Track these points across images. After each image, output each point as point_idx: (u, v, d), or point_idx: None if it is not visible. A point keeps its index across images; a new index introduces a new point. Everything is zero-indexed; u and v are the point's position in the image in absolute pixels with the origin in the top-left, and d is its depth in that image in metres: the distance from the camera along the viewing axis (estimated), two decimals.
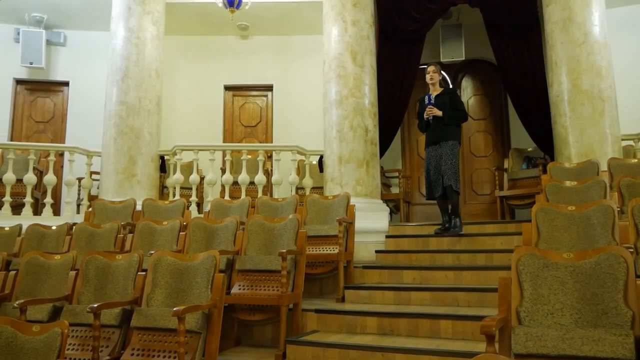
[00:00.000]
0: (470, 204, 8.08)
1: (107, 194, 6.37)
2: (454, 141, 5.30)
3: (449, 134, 5.31)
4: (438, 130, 5.34)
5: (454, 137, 5.32)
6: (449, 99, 5.40)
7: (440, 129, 5.32)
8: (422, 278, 4.60)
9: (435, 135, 5.35)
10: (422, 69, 7.94)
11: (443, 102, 5.34)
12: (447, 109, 5.31)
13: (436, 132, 5.36)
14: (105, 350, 3.20)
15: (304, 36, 8.54)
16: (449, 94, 5.48)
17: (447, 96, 5.42)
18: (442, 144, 5.29)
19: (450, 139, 5.29)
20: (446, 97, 5.41)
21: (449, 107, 5.33)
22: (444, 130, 5.31)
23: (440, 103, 5.33)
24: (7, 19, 8.17)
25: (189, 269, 3.37)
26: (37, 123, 8.61)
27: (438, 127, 5.34)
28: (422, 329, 3.64)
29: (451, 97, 5.43)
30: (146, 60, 6.75)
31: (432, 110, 5.31)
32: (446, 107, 5.32)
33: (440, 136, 5.32)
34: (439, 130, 5.33)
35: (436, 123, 5.33)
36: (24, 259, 3.94)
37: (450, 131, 5.33)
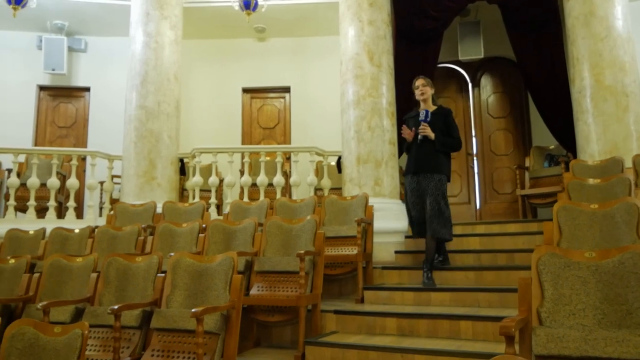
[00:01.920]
0: (491, 204, 7.98)
1: (128, 197, 6.46)
2: (441, 175, 4.38)
3: (436, 165, 4.38)
4: (423, 157, 4.41)
5: (441, 170, 4.39)
6: (443, 120, 4.51)
7: (427, 156, 4.39)
8: (442, 278, 4.55)
9: (420, 163, 4.42)
10: (440, 67, 7.91)
11: (435, 123, 4.45)
12: (438, 131, 4.43)
13: (421, 158, 4.41)
14: (126, 351, 3.23)
15: (321, 37, 8.55)
16: (444, 114, 4.55)
17: (441, 117, 4.53)
18: (427, 176, 4.37)
19: (437, 171, 4.37)
20: (439, 117, 4.51)
21: (440, 129, 4.46)
22: (431, 159, 4.38)
23: (432, 124, 4.43)
24: (30, 27, 8.34)
25: (208, 271, 3.38)
26: (60, 128, 8.77)
27: (424, 152, 4.41)
28: (442, 329, 3.60)
29: (446, 119, 4.53)
30: (165, 65, 6.82)
31: (426, 130, 4.37)
32: (438, 128, 4.45)
33: (425, 165, 4.39)
34: (425, 157, 4.40)
35: (423, 147, 4.42)
36: (47, 262, 4.01)
37: (439, 161, 4.40)
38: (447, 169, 4.48)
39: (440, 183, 4.37)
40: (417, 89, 4.65)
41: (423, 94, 4.62)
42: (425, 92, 4.61)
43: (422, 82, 4.64)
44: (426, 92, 4.61)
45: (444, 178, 4.42)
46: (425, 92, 4.62)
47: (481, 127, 8.21)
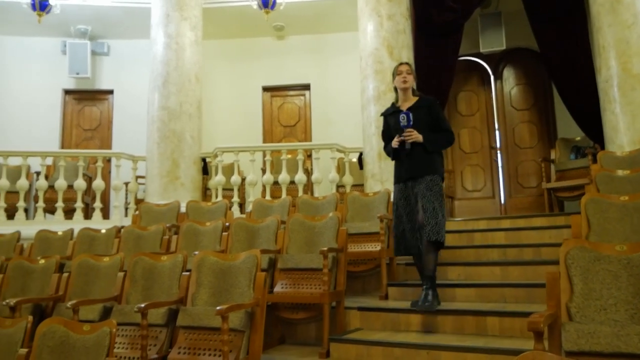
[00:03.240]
0: (516, 198, 7.87)
1: (152, 197, 6.54)
2: (433, 175, 3.77)
3: (427, 165, 3.79)
4: (415, 160, 3.79)
5: (434, 170, 3.79)
6: (428, 112, 3.84)
7: (419, 159, 3.79)
8: (467, 274, 4.50)
9: (412, 168, 3.81)
10: (461, 60, 7.81)
11: (420, 120, 3.79)
12: (424, 128, 3.78)
13: (413, 163, 3.80)
14: (153, 348, 3.28)
15: (340, 33, 8.53)
16: (427, 106, 3.86)
17: (426, 109, 3.84)
18: (417, 180, 3.78)
19: (431, 172, 3.77)
20: (424, 110, 3.84)
21: (427, 125, 3.81)
22: (423, 160, 3.79)
23: (417, 121, 3.77)
24: (55, 32, 8.51)
25: (232, 269, 3.41)
26: (85, 131, 8.93)
27: (415, 156, 3.79)
28: (467, 326, 3.56)
29: (430, 111, 3.85)
30: (185, 65, 6.88)
31: (412, 136, 3.73)
32: (424, 125, 3.80)
33: (418, 169, 3.79)
34: (417, 160, 3.79)
35: (413, 152, 3.80)
36: (75, 262, 4.09)
37: (431, 160, 3.81)
38: (440, 167, 3.89)
39: (432, 183, 3.75)
40: (399, 74, 3.92)
41: (405, 82, 3.91)
42: (407, 80, 3.91)
43: (406, 69, 3.94)
44: (409, 80, 3.92)
45: (437, 178, 3.81)
46: (407, 80, 3.91)
47: (504, 120, 8.09)
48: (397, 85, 3.95)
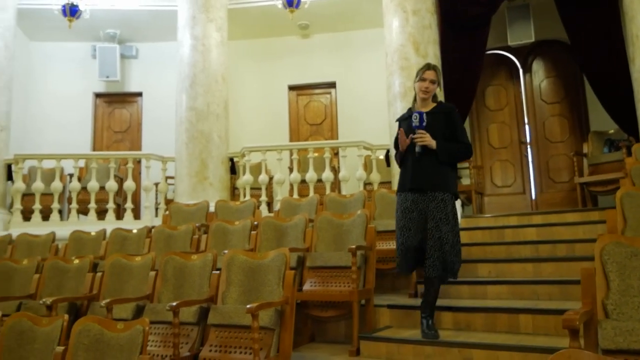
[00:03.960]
0: (548, 193, 7.71)
1: (182, 197, 6.63)
2: (444, 194, 3.41)
3: (442, 180, 3.43)
4: (423, 171, 3.43)
5: (446, 187, 3.43)
6: (445, 119, 3.53)
7: (428, 171, 3.42)
8: (498, 271, 4.43)
9: (418, 178, 3.44)
10: (488, 54, 7.69)
11: (436, 126, 3.46)
12: (440, 136, 3.44)
13: (420, 173, 3.44)
14: (185, 346, 3.32)
15: (365, 30, 8.49)
16: (445, 112, 3.56)
17: (443, 116, 3.54)
18: (426, 195, 3.41)
19: (442, 188, 3.41)
20: (440, 117, 3.53)
21: (443, 134, 3.47)
22: (433, 173, 3.42)
23: (432, 127, 3.43)
24: (85, 37, 8.70)
25: (261, 267, 3.43)
26: (116, 133, 9.12)
27: (424, 166, 3.43)
28: (499, 324, 3.51)
29: (448, 118, 3.54)
30: (212, 66, 6.95)
31: (425, 138, 3.39)
32: (439, 133, 3.45)
33: (424, 182, 3.43)
34: (425, 172, 3.42)
35: (422, 159, 3.43)
36: (108, 261, 4.18)
37: (445, 175, 3.45)
38: (453, 184, 3.53)
39: (443, 203, 3.37)
40: (422, 80, 3.54)
41: (427, 92, 3.55)
42: (429, 90, 3.55)
43: (431, 76, 3.54)
44: (430, 90, 3.56)
45: (449, 197, 3.42)
46: (429, 90, 3.55)
47: (534, 114, 7.93)
48: (417, 92, 3.59)
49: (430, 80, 3.54)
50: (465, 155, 3.62)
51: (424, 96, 3.57)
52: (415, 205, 3.46)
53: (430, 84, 3.54)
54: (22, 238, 5.75)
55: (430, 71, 3.57)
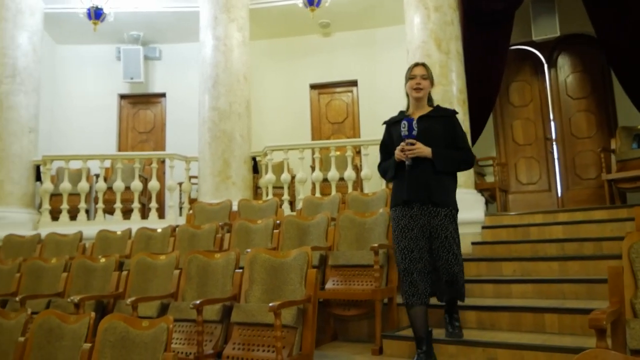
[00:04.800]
0: (574, 190, 7.56)
1: (205, 196, 6.70)
2: (448, 209, 3.10)
3: (443, 192, 3.09)
4: (419, 181, 3.06)
5: (448, 201, 3.12)
6: (444, 125, 3.17)
7: (426, 180, 3.06)
8: (524, 270, 4.37)
9: (414, 190, 3.06)
10: (512, 50, 7.57)
11: (432, 132, 3.10)
12: (439, 144, 3.09)
13: (416, 184, 3.06)
14: (208, 344, 3.36)
15: (386, 28, 8.45)
16: (443, 116, 3.22)
17: (441, 121, 3.18)
18: (426, 209, 3.06)
19: (442, 203, 3.07)
20: (439, 122, 3.17)
21: (442, 141, 3.11)
22: (433, 183, 3.06)
23: (427, 132, 3.07)
24: (109, 39, 8.85)
25: (283, 266, 3.44)
26: (140, 134, 9.26)
27: (420, 174, 3.06)
28: (524, 323, 3.46)
29: (447, 123, 3.19)
30: (234, 66, 7.00)
31: (416, 149, 3.02)
32: (437, 140, 3.09)
33: (422, 193, 3.05)
34: (422, 182, 3.05)
35: (417, 169, 3.06)
36: (133, 260, 4.25)
37: (444, 187, 3.10)
38: (453, 197, 3.17)
39: (447, 219, 3.05)
40: (412, 78, 3.22)
41: (419, 90, 3.20)
42: (422, 86, 3.20)
43: (421, 72, 3.23)
44: (424, 86, 3.21)
45: (452, 211, 3.11)
46: (422, 87, 3.20)
47: (560, 109, 7.78)
48: (409, 92, 3.23)
49: (420, 76, 3.21)
50: (466, 164, 3.22)
51: (417, 95, 3.20)
52: (415, 221, 3.06)
53: (422, 80, 3.20)
54: (50, 237, 5.89)
55: (418, 67, 3.27)
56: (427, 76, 3.24)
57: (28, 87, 6.97)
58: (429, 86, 3.24)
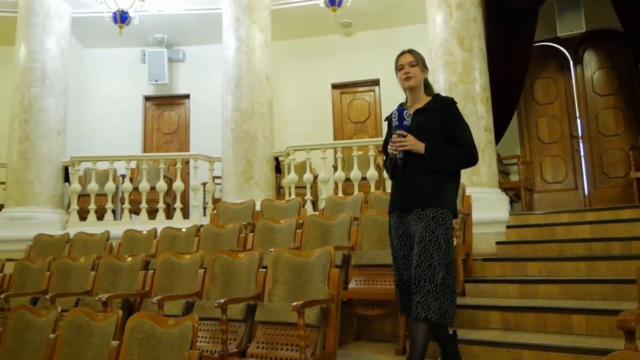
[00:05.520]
0: (601, 189, 7.41)
1: (228, 197, 6.76)
2: (437, 210, 2.70)
3: (433, 192, 2.73)
4: (411, 182, 2.77)
5: (443, 201, 2.74)
6: (441, 116, 2.84)
7: (416, 180, 2.75)
8: (549, 270, 4.31)
9: (406, 193, 2.78)
10: (537, 47, 7.46)
11: (428, 126, 2.80)
12: (435, 139, 2.78)
13: (407, 185, 2.78)
14: (233, 342, 3.40)
15: (408, 26, 8.41)
16: (442, 107, 2.88)
17: (439, 112, 2.85)
18: (417, 213, 2.72)
19: (434, 203, 2.71)
20: (436, 114, 2.85)
21: (440, 134, 2.80)
22: (422, 183, 2.73)
23: (423, 127, 2.79)
24: (135, 42, 9.00)
25: (306, 265, 3.46)
26: (165, 135, 9.40)
27: (410, 174, 2.77)
28: (551, 324, 3.41)
29: (445, 114, 2.85)
30: (256, 67, 7.05)
31: (406, 142, 2.74)
32: (435, 133, 2.79)
33: (413, 196, 2.74)
34: (414, 183, 2.76)
35: (408, 167, 2.77)
36: (159, 259, 4.32)
37: (437, 185, 2.74)
38: (450, 198, 2.77)
39: (434, 222, 2.66)
40: (400, 69, 2.93)
41: (408, 78, 2.88)
42: (412, 74, 2.88)
43: (409, 59, 2.90)
44: (414, 74, 2.88)
45: (444, 213, 2.70)
46: (411, 75, 2.88)
47: (586, 107, 7.64)
48: (401, 84, 2.95)
49: (408, 64, 2.89)
50: (466, 161, 2.82)
51: (409, 84, 2.88)
52: (407, 227, 2.78)
53: (410, 67, 2.88)
54: (78, 237, 6.02)
55: (404, 55, 2.94)
56: (416, 62, 2.90)
57: (56, 90, 7.14)
58: (419, 72, 2.90)
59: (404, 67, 2.90)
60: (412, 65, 2.89)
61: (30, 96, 6.93)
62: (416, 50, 2.96)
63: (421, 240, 2.66)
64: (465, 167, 2.87)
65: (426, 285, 2.60)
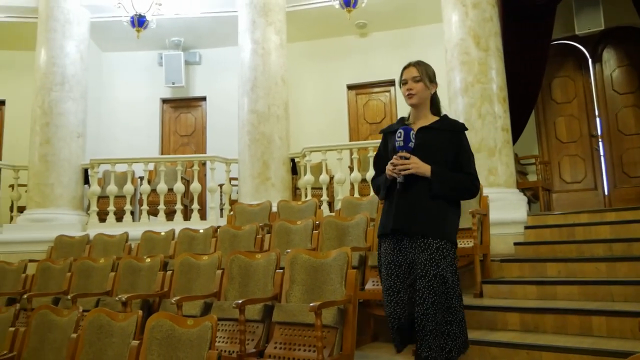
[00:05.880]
0: (622, 188, 7.30)
1: (245, 198, 6.80)
2: (440, 241, 2.45)
3: (437, 220, 2.48)
4: (410, 206, 2.49)
5: (447, 232, 2.50)
6: (449, 140, 2.58)
7: (419, 204, 2.48)
8: (569, 271, 4.26)
9: (406, 215, 2.49)
10: (554, 45, 7.38)
11: (432, 147, 2.53)
12: (439, 162, 2.52)
13: (407, 208, 2.49)
14: (251, 343, 3.42)
15: (423, 26, 8.39)
16: (450, 130, 2.62)
17: (446, 135, 2.59)
18: (415, 241, 2.45)
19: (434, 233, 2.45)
20: (442, 136, 2.58)
21: (444, 159, 2.54)
22: (426, 208, 2.48)
23: (426, 147, 2.51)
24: (152, 46, 9.10)
25: (323, 266, 3.47)
26: (182, 137, 9.49)
27: (413, 197, 2.48)
28: (570, 325, 3.37)
29: (453, 140, 2.59)
30: (272, 69, 7.08)
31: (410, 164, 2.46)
32: (439, 157, 2.53)
33: (411, 221, 2.47)
34: (416, 205, 2.49)
35: (409, 190, 2.48)
36: (177, 260, 4.36)
37: (442, 213, 2.51)
38: (454, 229, 2.55)
39: (440, 254, 2.42)
40: (403, 84, 2.66)
41: (411, 95, 2.62)
42: (414, 91, 2.61)
43: (413, 74, 2.63)
44: (417, 90, 2.61)
45: (448, 246, 2.46)
46: (414, 92, 2.61)
47: (605, 105, 7.53)
48: (404, 98, 2.69)
49: (412, 79, 2.61)
50: (468, 192, 2.58)
51: (411, 102, 2.62)
52: (404, 256, 2.47)
53: (414, 83, 2.60)
54: (98, 238, 6.11)
55: (408, 68, 2.66)
56: (420, 77, 2.61)
57: (76, 94, 7.25)
58: (424, 89, 2.61)
59: (407, 83, 2.63)
60: (416, 80, 2.61)
61: (50, 100, 7.05)
62: (424, 63, 2.69)
63: (425, 274, 2.39)
64: (467, 198, 2.63)
65: (429, 324, 2.37)
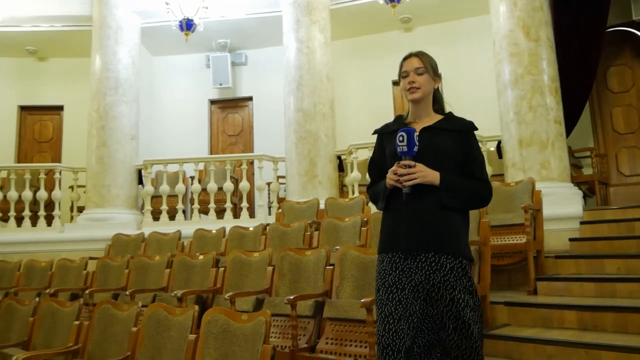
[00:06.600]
0: None
1: (293, 196, 6.88)
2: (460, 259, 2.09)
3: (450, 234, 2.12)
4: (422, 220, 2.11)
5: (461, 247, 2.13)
6: (456, 143, 2.23)
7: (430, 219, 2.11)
8: (629, 268, 4.09)
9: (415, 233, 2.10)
10: (609, 32, 7.08)
11: (438, 151, 2.18)
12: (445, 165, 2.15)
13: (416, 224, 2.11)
14: (302, 338, 3.47)
15: (469, 18, 8.23)
16: (458, 130, 2.27)
17: (453, 136, 2.24)
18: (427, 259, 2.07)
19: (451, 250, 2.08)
20: (449, 138, 2.23)
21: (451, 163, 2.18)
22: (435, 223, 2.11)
23: (431, 150, 2.16)
24: (199, 48, 9.31)
25: (373, 263, 3.46)
26: (230, 137, 9.67)
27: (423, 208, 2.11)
28: (632, 324, 3.25)
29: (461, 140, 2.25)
30: (317, 67, 7.12)
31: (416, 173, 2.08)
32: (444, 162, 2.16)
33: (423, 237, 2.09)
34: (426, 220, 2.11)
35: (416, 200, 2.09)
36: (229, 257, 4.46)
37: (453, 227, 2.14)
38: (466, 241, 2.20)
39: (454, 275, 2.06)
40: (404, 77, 2.30)
41: (413, 90, 2.26)
42: (417, 84, 2.26)
43: (415, 65, 2.28)
44: (421, 84, 2.27)
45: (466, 263, 2.11)
46: (417, 85, 2.26)
47: None
48: (404, 94, 2.33)
49: (414, 71, 2.26)
50: (481, 201, 2.25)
51: (413, 96, 2.25)
52: (407, 277, 2.09)
53: (417, 76, 2.26)
54: (152, 236, 6.32)
55: (410, 59, 2.31)
56: (425, 69, 2.28)
57: (129, 97, 7.52)
58: (428, 82, 2.28)
59: (408, 75, 2.28)
60: (419, 72, 2.26)
61: (105, 104, 7.34)
62: (426, 53, 2.36)
63: (441, 298, 2.05)
64: (479, 207, 2.35)
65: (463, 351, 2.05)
